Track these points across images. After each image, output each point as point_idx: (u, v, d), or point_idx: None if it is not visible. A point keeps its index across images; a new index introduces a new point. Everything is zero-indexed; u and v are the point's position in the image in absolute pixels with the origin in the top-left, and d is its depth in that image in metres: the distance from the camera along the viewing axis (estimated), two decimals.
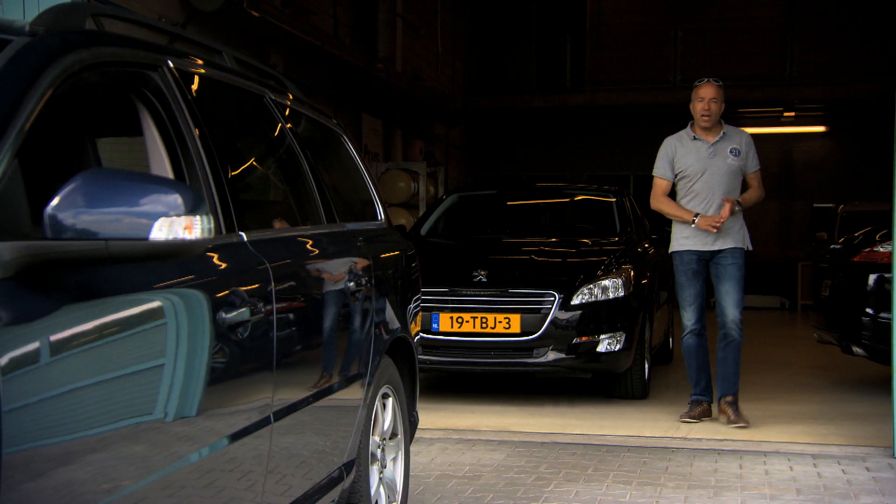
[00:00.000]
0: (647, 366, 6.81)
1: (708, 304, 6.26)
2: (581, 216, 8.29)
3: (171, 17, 7.58)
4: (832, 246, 8.04)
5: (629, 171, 16.88)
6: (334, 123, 3.92)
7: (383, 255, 3.68)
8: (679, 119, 6.17)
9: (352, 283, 3.14)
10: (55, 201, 1.62)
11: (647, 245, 7.46)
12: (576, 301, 6.28)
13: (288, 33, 9.24)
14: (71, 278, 1.71)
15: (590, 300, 6.31)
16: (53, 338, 1.61)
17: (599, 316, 6.31)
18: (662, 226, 7.07)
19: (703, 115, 5.81)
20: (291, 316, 2.62)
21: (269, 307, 2.45)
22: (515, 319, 6.25)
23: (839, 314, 7.03)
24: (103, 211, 1.65)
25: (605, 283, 6.38)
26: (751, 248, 5.90)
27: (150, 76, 2.31)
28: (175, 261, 1.83)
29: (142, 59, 2.27)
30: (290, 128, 3.22)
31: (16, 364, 1.52)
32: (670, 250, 5.97)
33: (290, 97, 3.41)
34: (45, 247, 1.61)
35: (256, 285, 2.41)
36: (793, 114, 16.39)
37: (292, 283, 2.69)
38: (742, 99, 16.00)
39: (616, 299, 6.38)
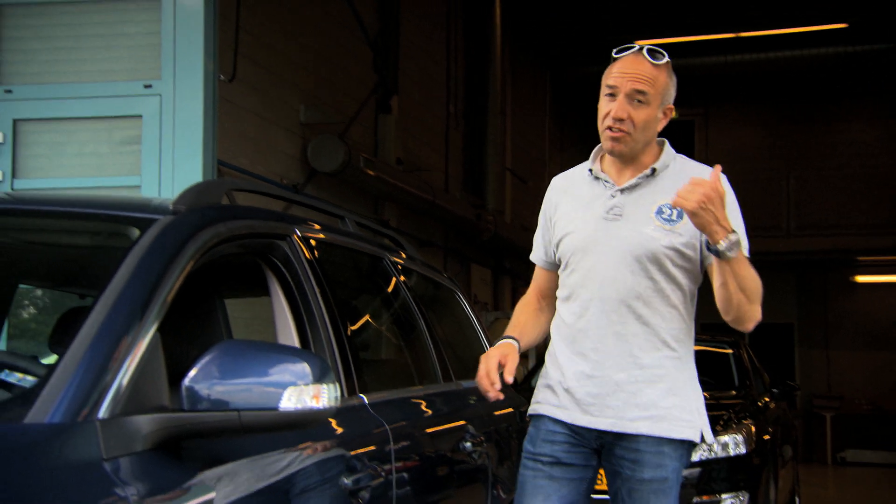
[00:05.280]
0: None
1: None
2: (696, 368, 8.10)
3: (293, 178, 7.96)
4: None
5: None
6: (448, 279, 4.01)
7: (497, 413, 3.66)
8: (794, 268, 5.91)
9: (468, 444, 3.14)
10: (192, 373, 1.70)
11: (766, 399, 7.22)
12: (694, 458, 6.08)
13: (401, 189, 9.56)
14: (204, 447, 1.77)
15: (709, 457, 6.10)
16: None
17: (720, 474, 6.08)
18: (784, 378, 6.86)
19: (610, 128, 2.51)
20: (410, 477, 2.62)
21: (388, 468, 2.46)
22: None
23: None
24: (236, 382, 1.71)
25: (725, 438, 6.17)
26: (711, 440, 2.59)
27: (279, 245, 2.43)
28: (303, 429, 1.87)
29: (272, 230, 2.40)
30: (407, 287, 3.31)
31: None
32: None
33: (408, 256, 3.52)
34: (182, 419, 1.67)
35: (376, 448, 2.43)
36: None
37: (410, 444, 2.70)
38: (861, 247, 15.61)
39: (737, 456, 6.15)
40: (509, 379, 2.44)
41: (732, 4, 13.55)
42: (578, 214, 2.61)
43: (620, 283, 2.50)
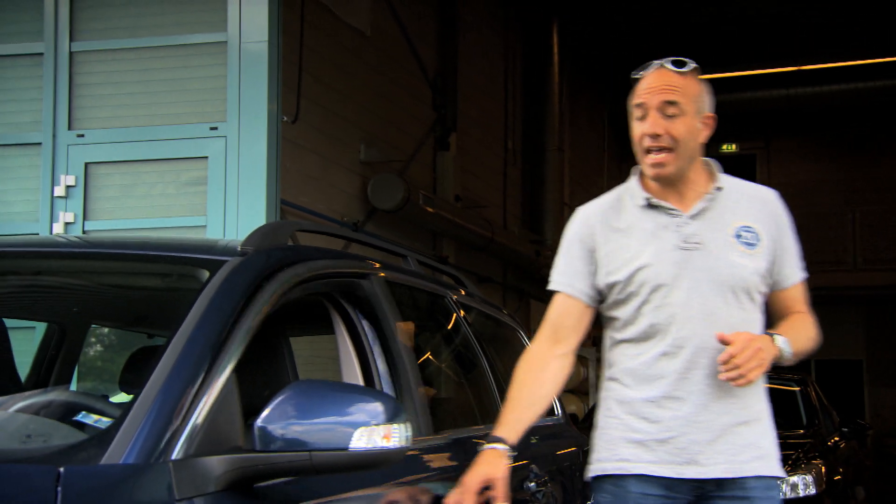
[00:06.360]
0: None
1: None
2: None
3: (353, 216, 8.03)
4: None
5: (811, 356, 16.15)
6: (509, 317, 4.00)
7: (559, 452, 3.62)
8: (862, 303, 5.78)
9: (532, 484, 3.10)
10: (265, 413, 1.70)
11: (836, 438, 7.04)
12: None
13: (460, 226, 9.59)
14: (276, 487, 1.78)
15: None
16: None
17: None
18: (854, 417, 6.69)
19: (648, 150, 2.33)
20: None
21: None
22: None
23: None
24: (307, 422, 1.72)
25: (794, 479, 6.02)
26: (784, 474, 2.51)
27: (359, 283, 2.47)
28: (374, 470, 1.87)
29: (351, 269, 2.45)
30: (469, 325, 3.31)
31: None
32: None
33: (468, 293, 3.52)
34: (254, 459, 1.68)
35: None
36: None
37: None
38: None
39: (807, 497, 5.99)
40: None
41: (794, 37, 13.42)
42: (649, 246, 2.35)
43: (716, 318, 2.29)
